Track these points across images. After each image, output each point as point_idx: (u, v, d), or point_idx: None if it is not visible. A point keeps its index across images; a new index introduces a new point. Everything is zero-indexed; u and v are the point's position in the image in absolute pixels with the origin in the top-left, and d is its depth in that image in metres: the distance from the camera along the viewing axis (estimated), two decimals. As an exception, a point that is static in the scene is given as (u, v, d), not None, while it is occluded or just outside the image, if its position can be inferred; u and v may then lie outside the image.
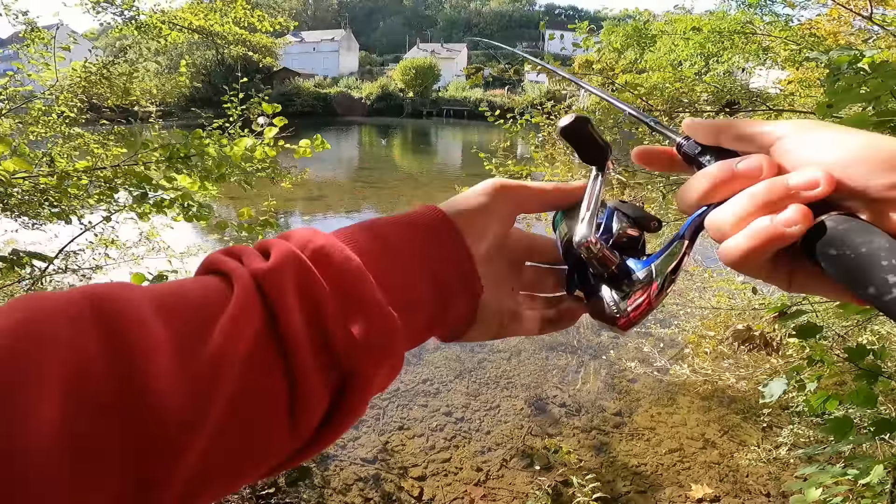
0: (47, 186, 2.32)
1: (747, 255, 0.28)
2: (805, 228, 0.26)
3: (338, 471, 3.55)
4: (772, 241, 0.27)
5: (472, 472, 3.52)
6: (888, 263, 0.23)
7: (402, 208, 4.11)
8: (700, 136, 0.34)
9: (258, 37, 4.58)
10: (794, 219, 0.26)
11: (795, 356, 2.83)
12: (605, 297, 0.35)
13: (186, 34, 4.21)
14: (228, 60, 33.44)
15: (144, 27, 3.84)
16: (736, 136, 0.32)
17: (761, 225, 0.27)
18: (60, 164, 2.50)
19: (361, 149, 24.50)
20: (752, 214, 0.28)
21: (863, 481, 1.56)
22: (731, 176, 0.30)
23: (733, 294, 4.07)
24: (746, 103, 3.96)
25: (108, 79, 3.48)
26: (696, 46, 3.66)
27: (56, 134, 3.19)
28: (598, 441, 3.85)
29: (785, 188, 0.27)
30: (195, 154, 2.12)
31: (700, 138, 0.34)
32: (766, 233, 0.27)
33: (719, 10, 3.79)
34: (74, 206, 2.44)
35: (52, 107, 3.17)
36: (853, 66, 1.65)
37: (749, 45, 3.76)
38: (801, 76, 4.17)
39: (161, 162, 2.16)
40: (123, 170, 2.30)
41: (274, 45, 5.78)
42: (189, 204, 2.15)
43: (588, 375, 4.77)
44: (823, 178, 0.26)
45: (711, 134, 0.34)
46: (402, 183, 15.03)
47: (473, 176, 12.69)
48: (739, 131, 0.32)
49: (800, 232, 0.26)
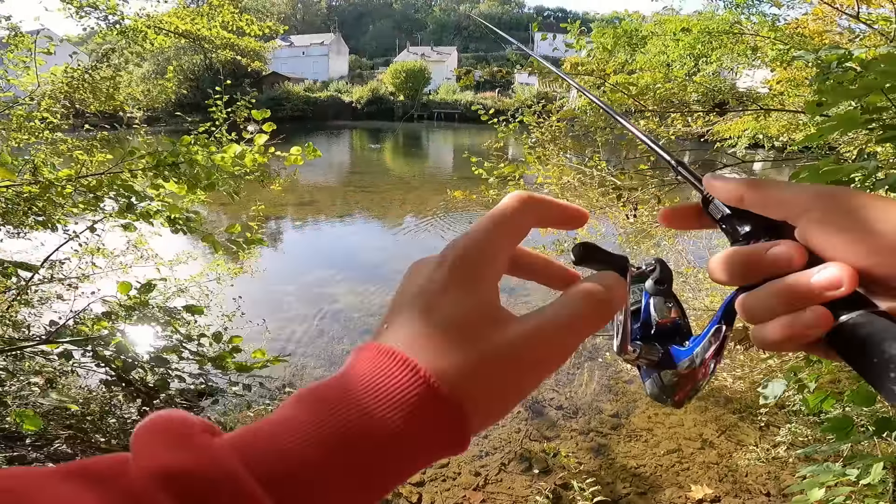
0: (31, 195, 2.26)
1: (774, 347, 0.30)
2: (824, 332, 0.28)
3: (333, 479, 3.49)
4: (794, 340, 0.29)
5: (470, 477, 3.48)
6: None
7: (395, 212, 4.08)
8: (722, 197, 0.34)
9: (246, 41, 4.53)
10: (813, 323, 0.28)
11: (791, 355, 2.84)
12: (655, 385, 0.38)
13: (173, 38, 4.15)
14: (217, 65, 33.27)
15: (129, 31, 3.77)
16: (761, 203, 0.32)
17: (785, 322, 0.29)
18: (44, 171, 2.44)
19: (352, 153, 24.42)
20: (777, 310, 0.30)
21: (864, 481, 1.55)
22: (761, 262, 0.31)
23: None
24: (735, 103, 3.99)
25: (91, 84, 3.41)
26: (686, 47, 3.67)
27: (39, 140, 3.12)
28: (597, 443, 3.84)
29: (808, 288, 0.28)
30: (183, 162, 2.07)
31: (722, 198, 0.34)
32: (788, 331, 0.29)
33: (707, 10, 3.81)
34: (59, 215, 2.38)
35: (34, 112, 3.10)
36: (842, 64, 1.65)
37: (738, 45, 3.78)
38: (788, 76, 4.21)
39: (148, 169, 2.11)
40: (109, 178, 2.25)
41: (263, 49, 5.74)
42: (177, 217, 2.10)
43: (584, 377, 4.76)
44: (846, 278, 0.27)
45: (734, 197, 0.33)
46: (393, 187, 14.99)
47: (465, 179, 12.67)
48: (764, 198, 0.32)
49: (819, 334, 0.28)
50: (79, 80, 3.31)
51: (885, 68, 1.19)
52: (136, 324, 2.04)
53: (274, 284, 7.16)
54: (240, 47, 4.60)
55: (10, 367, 2.29)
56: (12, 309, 2.71)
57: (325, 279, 7.40)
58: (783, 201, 0.31)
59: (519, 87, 42.33)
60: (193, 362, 2.08)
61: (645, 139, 0.43)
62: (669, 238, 4.57)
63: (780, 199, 0.31)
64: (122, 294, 2.01)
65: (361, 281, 7.30)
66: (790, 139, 4.80)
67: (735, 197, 0.33)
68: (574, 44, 3.39)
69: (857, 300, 0.28)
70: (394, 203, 12.43)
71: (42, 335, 2.00)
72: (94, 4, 3.49)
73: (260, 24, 4.37)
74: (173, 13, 4.10)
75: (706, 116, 3.82)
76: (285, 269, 8.06)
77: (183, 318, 2.29)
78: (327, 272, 7.73)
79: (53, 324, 2.17)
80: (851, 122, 1.33)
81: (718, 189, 0.34)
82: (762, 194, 0.32)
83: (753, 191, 0.32)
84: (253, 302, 6.20)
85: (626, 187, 3.26)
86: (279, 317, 6.09)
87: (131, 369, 1.91)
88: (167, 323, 2.11)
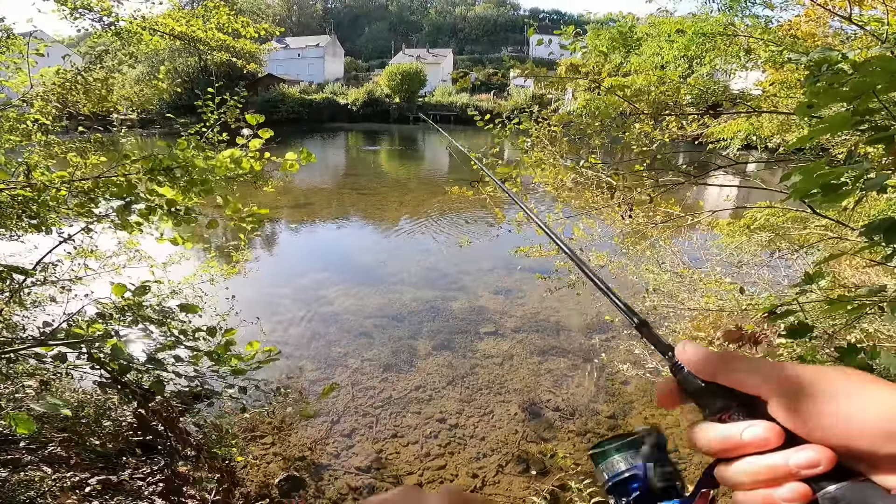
0: (25, 198, 2.24)
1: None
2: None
3: (332, 480, 3.48)
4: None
5: (468, 479, 3.48)
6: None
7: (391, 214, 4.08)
8: (695, 369, 0.36)
9: (242, 42, 4.51)
10: (792, 498, 0.29)
11: (786, 355, 2.85)
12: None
13: (168, 40, 4.13)
14: (211, 67, 33.15)
15: (124, 33, 3.75)
16: (734, 381, 0.34)
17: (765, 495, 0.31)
18: (37, 174, 2.42)
19: (348, 155, 24.39)
20: (756, 483, 0.31)
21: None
22: (738, 444, 0.32)
23: (722, 295, 4.11)
24: (729, 105, 4.01)
25: (84, 85, 3.39)
26: (681, 49, 3.70)
27: (32, 143, 3.10)
28: (594, 444, 3.85)
29: (786, 470, 0.30)
30: (179, 166, 2.06)
31: (695, 370, 0.36)
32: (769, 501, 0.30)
33: (702, 13, 3.84)
34: (53, 218, 2.36)
35: (26, 114, 3.08)
36: (832, 66, 1.67)
37: (731, 47, 3.81)
38: (781, 77, 4.25)
39: (143, 174, 2.10)
40: (103, 181, 2.23)
41: (258, 52, 5.71)
42: (177, 210, 2.09)
43: (581, 379, 4.77)
44: (824, 459, 0.29)
45: (707, 374, 0.35)
46: (389, 189, 14.98)
47: (461, 181, 12.69)
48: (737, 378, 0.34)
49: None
50: (71, 82, 3.29)
51: (877, 69, 1.20)
52: (130, 325, 2.03)
53: (269, 287, 7.13)
54: (235, 49, 4.58)
55: (3, 369, 2.27)
56: (6, 311, 2.69)
57: (320, 281, 7.39)
58: (755, 383, 0.33)
59: (515, 89, 42.48)
60: (188, 364, 2.06)
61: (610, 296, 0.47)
62: (666, 239, 4.60)
63: (753, 380, 0.33)
64: (116, 296, 1.99)
65: (356, 283, 7.29)
66: (783, 140, 4.84)
67: (708, 373, 0.35)
68: (568, 46, 3.41)
69: (837, 472, 0.29)
70: (390, 205, 12.43)
71: (36, 337, 1.99)
72: (89, 6, 3.47)
73: (256, 27, 4.36)
74: (168, 15, 4.09)
75: (700, 118, 3.85)
76: (280, 272, 8.04)
77: (178, 319, 2.27)
78: (322, 274, 7.72)
79: (47, 325, 2.15)
80: (843, 123, 1.34)
81: (691, 362, 0.36)
82: (734, 375, 0.34)
83: (726, 370, 0.34)
84: (248, 304, 6.17)
85: (621, 188, 3.28)
86: (274, 319, 6.07)
87: (126, 371, 1.89)
88: (161, 323, 2.10)
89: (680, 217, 3.56)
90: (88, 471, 2.35)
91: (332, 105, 40.06)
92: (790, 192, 1.18)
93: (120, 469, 2.57)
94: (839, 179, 1.24)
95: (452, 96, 40.90)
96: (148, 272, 3.98)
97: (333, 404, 4.35)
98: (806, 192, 1.17)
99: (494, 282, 7.22)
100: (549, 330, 5.74)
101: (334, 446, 3.84)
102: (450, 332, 5.73)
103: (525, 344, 5.45)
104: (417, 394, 4.54)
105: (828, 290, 3.28)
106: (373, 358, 5.16)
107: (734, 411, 0.34)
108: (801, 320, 1.69)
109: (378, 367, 4.96)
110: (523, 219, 4.04)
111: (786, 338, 1.73)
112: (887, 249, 1.36)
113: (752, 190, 4.48)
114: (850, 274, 4.44)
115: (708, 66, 4.04)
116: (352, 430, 4.03)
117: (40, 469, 2.16)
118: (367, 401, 4.42)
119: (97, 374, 1.96)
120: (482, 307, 6.39)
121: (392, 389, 4.60)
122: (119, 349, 1.67)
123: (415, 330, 5.79)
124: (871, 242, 1.28)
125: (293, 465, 3.61)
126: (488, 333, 5.70)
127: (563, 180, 3.64)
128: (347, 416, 4.19)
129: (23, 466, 2.18)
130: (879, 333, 2.98)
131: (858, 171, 1.21)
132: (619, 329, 5.57)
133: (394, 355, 5.20)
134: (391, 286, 7.17)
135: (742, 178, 6.53)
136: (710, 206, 8.54)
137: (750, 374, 0.33)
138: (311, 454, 3.75)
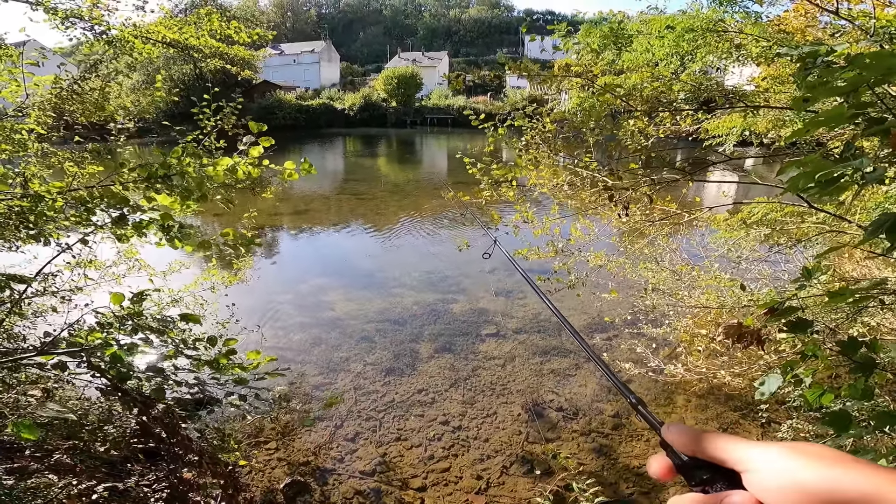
0: (23, 208, 2.24)
1: None
2: None
3: (337, 485, 3.47)
4: None
5: (472, 481, 3.46)
6: None
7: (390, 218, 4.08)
8: (679, 448, 0.42)
9: (236, 49, 4.52)
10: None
11: (788, 351, 2.85)
12: None
13: (161, 48, 4.13)
14: (207, 74, 33.18)
15: (116, 42, 3.75)
16: (714, 458, 0.39)
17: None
18: (34, 185, 2.42)
19: (346, 160, 24.41)
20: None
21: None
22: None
23: (722, 291, 4.10)
24: (723, 101, 4.02)
25: (80, 94, 3.39)
26: (671, 45, 3.70)
27: (28, 153, 3.10)
28: (598, 444, 3.84)
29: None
30: (175, 174, 2.06)
31: (678, 448, 0.42)
32: None
33: (692, 10, 3.84)
34: (51, 229, 2.36)
35: (21, 124, 3.08)
36: (824, 60, 1.67)
37: (721, 42, 3.82)
38: (772, 72, 4.25)
39: (140, 182, 2.09)
40: (100, 191, 2.23)
41: (253, 58, 5.71)
42: (170, 225, 2.08)
43: (583, 378, 4.76)
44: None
45: (689, 451, 0.41)
46: (389, 193, 14.99)
47: (460, 183, 12.68)
48: (716, 455, 0.39)
49: None
50: (67, 91, 3.29)
51: (871, 63, 1.20)
52: (130, 334, 2.03)
53: (270, 293, 7.13)
54: (229, 56, 4.58)
55: (6, 378, 2.27)
56: (7, 322, 2.68)
57: (320, 287, 7.38)
58: (733, 460, 0.38)
59: (511, 90, 42.52)
60: (190, 372, 2.06)
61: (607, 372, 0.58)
62: (664, 237, 4.60)
63: (730, 458, 0.38)
64: (115, 305, 1.99)
65: (357, 288, 7.28)
66: (778, 135, 4.84)
67: (690, 451, 0.41)
68: (561, 45, 3.41)
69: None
70: (388, 209, 12.43)
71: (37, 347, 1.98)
72: (79, 15, 3.47)
73: (249, 32, 4.36)
74: (160, 23, 4.09)
75: (694, 114, 3.85)
76: (281, 278, 8.03)
77: (178, 328, 2.27)
78: (323, 280, 7.71)
79: (48, 335, 2.15)
80: (838, 117, 1.35)
81: (675, 441, 0.42)
82: (710, 453, 0.40)
83: (701, 449, 0.40)
84: (249, 311, 6.16)
85: (617, 187, 3.27)
86: (276, 325, 6.06)
87: (126, 379, 1.89)
88: (162, 332, 2.09)
89: (677, 214, 3.56)
90: (94, 478, 2.34)
91: (329, 110, 40.09)
92: (786, 187, 1.18)
93: (126, 476, 2.56)
94: (836, 174, 1.24)
95: (449, 99, 40.94)
96: (148, 281, 3.97)
97: (337, 409, 4.34)
98: (802, 186, 1.17)
99: (495, 283, 7.22)
100: (551, 330, 5.73)
101: (338, 451, 3.83)
102: (451, 334, 5.73)
103: (527, 345, 5.45)
104: (420, 397, 4.53)
105: (828, 284, 3.27)
106: (375, 362, 5.15)
107: (716, 481, 0.39)
108: (800, 317, 1.68)
109: (380, 371, 4.96)
110: (521, 220, 4.04)
111: (787, 333, 1.73)
112: (887, 242, 1.36)
113: (750, 185, 4.48)
114: (851, 268, 4.44)
115: (700, 63, 4.05)
116: (355, 434, 4.02)
117: (46, 477, 2.15)
118: (370, 405, 4.41)
119: (100, 382, 1.95)
120: (483, 309, 6.39)
121: (395, 393, 4.59)
122: (118, 357, 1.66)
123: (416, 333, 5.79)
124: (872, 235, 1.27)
125: (298, 470, 3.59)
126: (490, 335, 5.69)
127: (559, 182, 3.64)
128: (351, 421, 4.18)
129: (30, 474, 2.17)
130: (882, 327, 2.98)
131: (858, 165, 1.20)
132: (621, 328, 5.56)
133: (396, 359, 5.19)
134: (392, 290, 7.17)
135: (739, 173, 6.52)
136: (708, 202, 8.53)
137: (723, 451, 0.39)
138: (316, 459, 3.74)
